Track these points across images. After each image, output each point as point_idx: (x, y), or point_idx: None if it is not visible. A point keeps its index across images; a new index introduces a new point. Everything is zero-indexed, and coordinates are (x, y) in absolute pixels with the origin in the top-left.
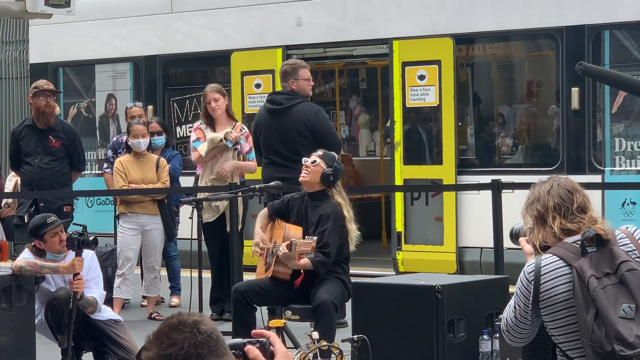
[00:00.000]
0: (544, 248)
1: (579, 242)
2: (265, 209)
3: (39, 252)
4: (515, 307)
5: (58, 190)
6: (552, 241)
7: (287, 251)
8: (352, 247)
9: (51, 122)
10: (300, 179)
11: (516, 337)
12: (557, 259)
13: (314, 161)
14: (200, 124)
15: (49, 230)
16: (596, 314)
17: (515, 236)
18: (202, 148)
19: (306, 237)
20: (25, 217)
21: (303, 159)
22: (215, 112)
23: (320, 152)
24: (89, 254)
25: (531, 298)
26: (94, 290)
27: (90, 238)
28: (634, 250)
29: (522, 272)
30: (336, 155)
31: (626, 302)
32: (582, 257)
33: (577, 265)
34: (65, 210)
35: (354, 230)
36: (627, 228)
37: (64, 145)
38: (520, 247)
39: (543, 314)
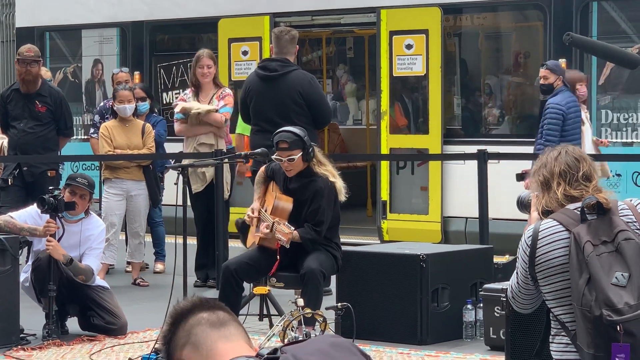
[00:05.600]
0: (547, 213)
1: (580, 209)
2: (262, 169)
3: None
4: (517, 273)
5: (42, 155)
6: (555, 207)
7: (268, 231)
8: (341, 198)
9: (33, 89)
10: (288, 174)
11: (521, 303)
12: (556, 223)
13: (291, 159)
14: (185, 94)
15: (70, 186)
16: (588, 279)
17: (522, 204)
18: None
19: (286, 223)
20: (10, 180)
21: (275, 157)
22: (204, 77)
23: (284, 144)
24: (100, 225)
25: (528, 262)
26: (92, 260)
27: (59, 201)
28: (635, 221)
29: (522, 236)
30: (297, 130)
31: (620, 270)
32: (581, 223)
33: (575, 230)
34: (49, 175)
35: (340, 187)
36: (630, 200)
37: (50, 111)
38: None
39: (539, 277)
